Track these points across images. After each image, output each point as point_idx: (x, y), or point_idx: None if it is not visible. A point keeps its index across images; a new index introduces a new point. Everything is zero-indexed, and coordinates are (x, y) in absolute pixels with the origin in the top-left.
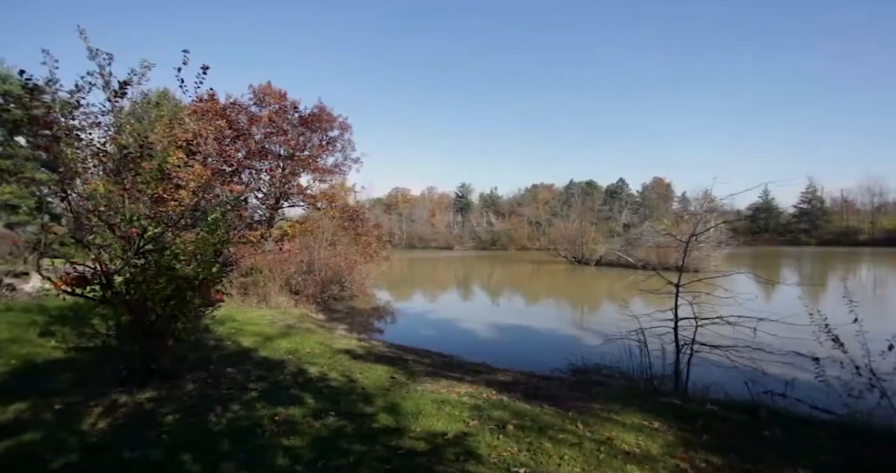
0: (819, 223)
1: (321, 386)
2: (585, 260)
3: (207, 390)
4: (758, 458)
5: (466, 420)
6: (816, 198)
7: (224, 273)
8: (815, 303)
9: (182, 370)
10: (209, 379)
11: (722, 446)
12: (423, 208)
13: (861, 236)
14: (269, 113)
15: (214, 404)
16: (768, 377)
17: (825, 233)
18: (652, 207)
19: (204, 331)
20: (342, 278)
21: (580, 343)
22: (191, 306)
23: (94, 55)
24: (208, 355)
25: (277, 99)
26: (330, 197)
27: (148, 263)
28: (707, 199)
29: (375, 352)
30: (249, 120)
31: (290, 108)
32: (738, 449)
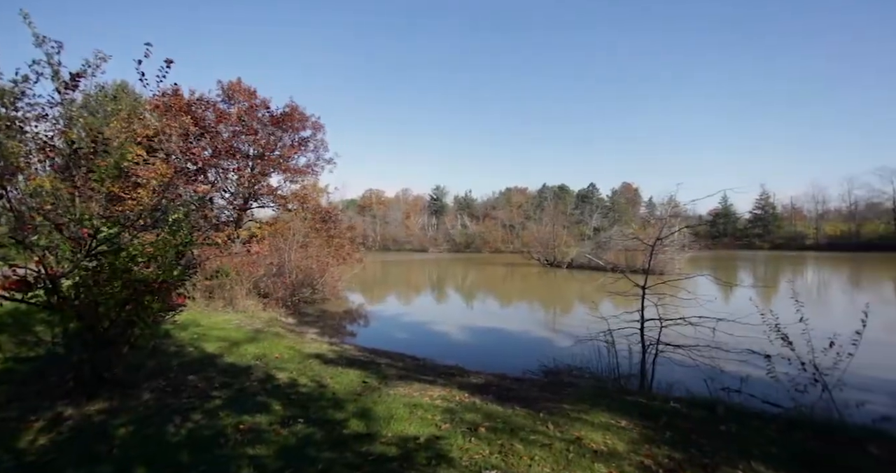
0: (771, 228)
1: (290, 392)
2: (557, 262)
3: (166, 399)
4: (715, 452)
5: (439, 423)
6: (769, 205)
7: (187, 276)
8: (768, 304)
9: (138, 378)
10: (168, 387)
11: (683, 442)
12: (397, 210)
13: (807, 241)
14: (239, 110)
15: (174, 414)
16: (726, 374)
17: (776, 238)
18: (621, 212)
19: (164, 337)
20: (314, 281)
21: (552, 344)
22: (149, 311)
23: (41, 42)
24: (168, 362)
25: (247, 96)
26: (301, 198)
27: (101, 266)
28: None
29: (347, 356)
30: (217, 117)
31: (261, 107)
32: (698, 445)
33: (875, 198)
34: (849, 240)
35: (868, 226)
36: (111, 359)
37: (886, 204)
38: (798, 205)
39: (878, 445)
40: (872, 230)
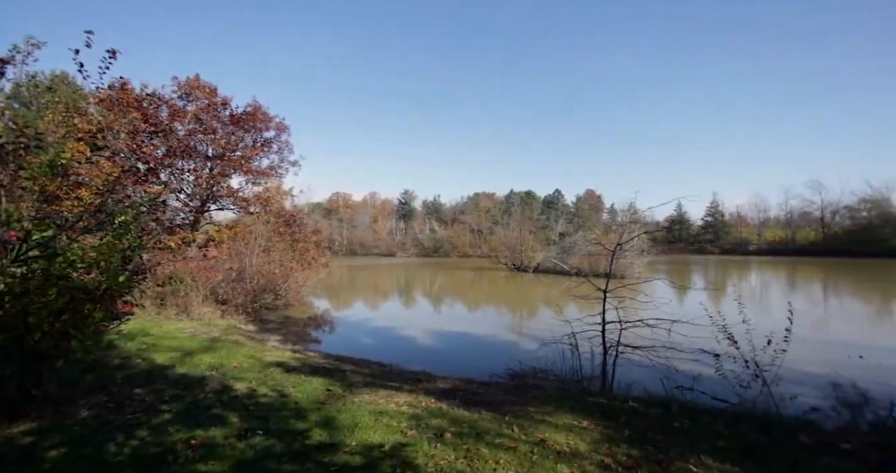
0: (720, 234)
1: (248, 403)
2: (524, 267)
3: (107, 416)
4: (669, 448)
5: (404, 430)
6: (718, 213)
7: (134, 282)
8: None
9: (74, 395)
10: (110, 403)
11: (640, 439)
12: (365, 214)
13: (751, 246)
14: (197, 108)
15: (115, 431)
16: (680, 373)
17: (725, 243)
18: (585, 217)
19: (107, 349)
20: (276, 286)
21: (518, 348)
22: (89, 320)
23: None
24: (111, 375)
25: (206, 94)
26: (264, 200)
27: (32, 272)
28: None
29: (311, 364)
30: (172, 114)
31: (221, 105)
32: (654, 442)
33: (806, 208)
34: (786, 246)
35: (801, 234)
36: (42, 374)
37: (816, 213)
38: (743, 213)
39: (808, 434)
40: (805, 237)
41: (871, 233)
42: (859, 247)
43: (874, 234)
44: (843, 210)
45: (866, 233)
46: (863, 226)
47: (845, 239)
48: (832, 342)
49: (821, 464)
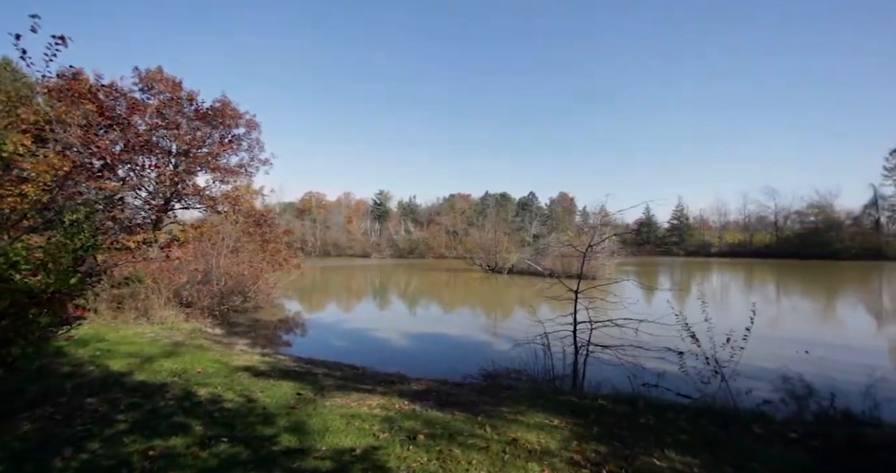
0: (685, 237)
1: (213, 409)
2: (499, 268)
3: (54, 429)
4: (635, 443)
5: (377, 433)
6: (683, 216)
7: (87, 285)
8: (682, 305)
9: (16, 406)
10: (57, 414)
11: (608, 436)
12: (339, 214)
13: (713, 248)
14: (159, 102)
15: (63, 445)
16: (646, 371)
17: (689, 246)
18: (558, 219)
19: (55, 356)
20: (245, 288)
21: (492, 348)
22: (33, 326)
23: None
24: (60, 385)
25: (170, 87)
26: (233, 199)
27: None
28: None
29: (281, 368)
30: (130, 107)
31: (186, 99)
32: (621, 438)
33: (762, 213)
34: (744, 248)
35: (758, 236)
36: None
37: (770, 217)
38: (706, 217)
39: (760, 425)
40: (761, 240)
41: (818, 236)
42: (808, 250)
43: (821, 238)
44: (794, 215)
45: (814, 237)
46: (811, 230)
47: (796, 241)
48: (783, 338)
49: (771, 453)
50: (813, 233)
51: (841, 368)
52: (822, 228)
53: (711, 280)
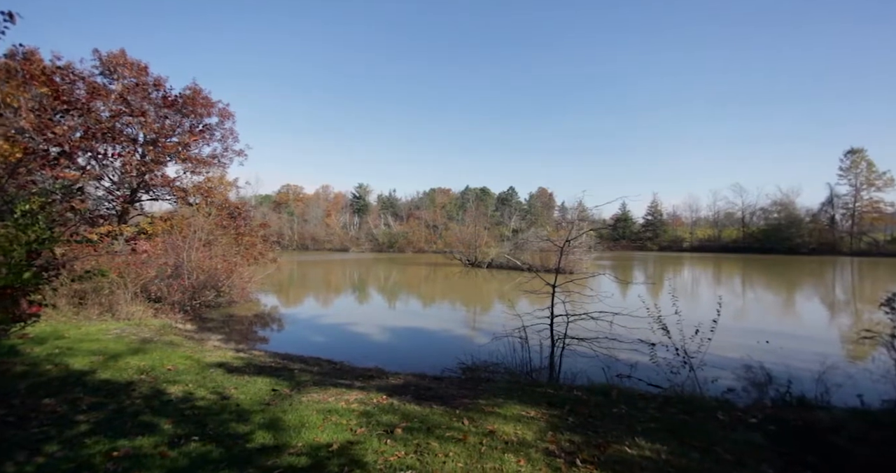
0: (659, 232)
1: (184, 407)
2: (478, 262)
3: (5, 432)
4: (608, 432)
5: (354, 428)
6: (657, 212)
7: (43, 279)
8: (655, 298)
9: None
10: (10, 416)
11: (583, 426)
12: (317, 208)
13: (685, 243)
14: (123, 88)
15: (15, 449)
16: (620, 362)
17: (663, 241)
18: (537, 214)
19: (7, 355)
20: (219, 282)
21: (471, 342)
22: None
23: None
24: (13, 385)
25: (135, 72)
26: (205, 191)
27: None
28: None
29: (256, 364)
30: (90, 92)
31: (152, 86)
32: (595, 427)
33: (730, 209)
34: (714, 243)
35: (726, 232)
36: None
37: (738, 214)
38: (678, 213)
39: (724, 412)
40: (729, 235)
41: (780, 232)
42: (771, 244)
43: (783, 233)
44: (759, 211)
45: (776, 232)
46: (774, 226)
47: (761, 237)
48: (747, 329)
49: (732, 438)
50: (776, 228)
51: (797, 357)
52: (783, 224)
53: (683, 274)
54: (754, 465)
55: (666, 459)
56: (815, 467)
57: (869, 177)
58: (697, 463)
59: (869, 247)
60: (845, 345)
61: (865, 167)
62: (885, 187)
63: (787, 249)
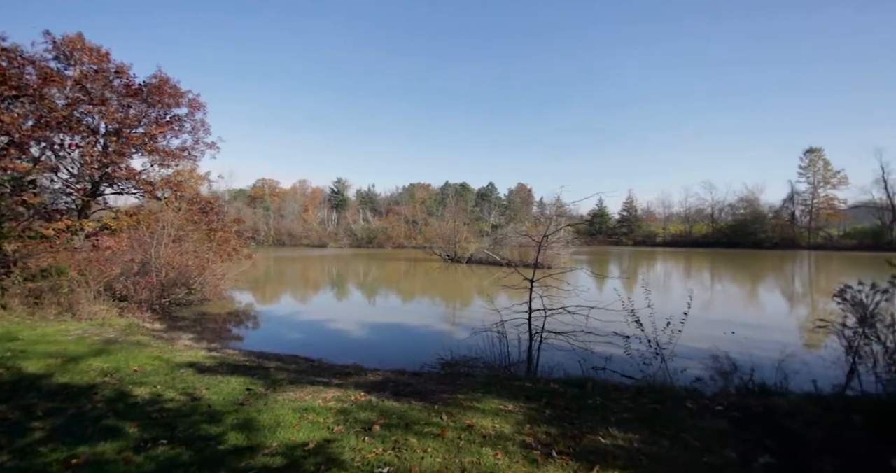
0: (633, 227)
1: (151, 409)
2: (458, 258)
3: None
4: (584, 423)
5: (331, 426)
6: (632, 208)
7: None
8: (629, 292)
9: None
10: None
11: (559, 418)
12: (294, 202)
13: (658, 238)
14: (80, 74)
15: None
16: (595, 355)
17: (637, 236)
18: (516, 210)
19: None
20: (190, 280)
21: (451, 337)
22: None
23: None
24: None
25: (95, 58)
26: (175, 184)
27: None
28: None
29: (230, 363)
30: (43, 77)
31: (114, 73)
32: (570, 419)
33: (701, 205)
34: (685, 238)
35: (697, 227)
36: None
37: (708, 210)
38: (652, 209)
39: (693, 400)
40: (699, 230)
41: (746, 227)
42: (738, 239)
43: (748, 229)
44: (727, 207)
45: (742, 228)
46: (740, 221)
47: (728, 232)
48: (715, 320)
49: (699, 425)
50: (742, 224)
51: (760, 346)
52: (749, 220)
53: (656, 268)
54: (719, 450)
55: (638, 447)
56: (773, 450)
57: (825, 176)
58: (667, 451)
59: (824, 242)
60: (802, 334)
61: (822, 166)
62: (839, 185)
63: (751, 244)
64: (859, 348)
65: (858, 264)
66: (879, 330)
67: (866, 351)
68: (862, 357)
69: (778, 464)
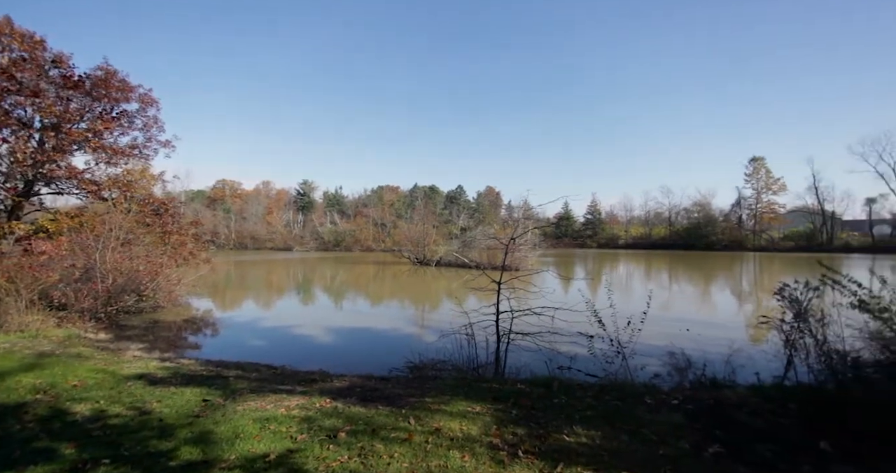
0: (598, 230)
1: (92, 427)
2: (427, 261)
3: None
4: (549, 422)
5: (294, 435)
6: (596, 211)
7: None
8: (593, 293)
9: None
10: None
11: (526, 418)
12: (257, 205)
13: (620, 240)
14: (8, 61)
15: None
16: (561, 355)
17: (601, 238)
18: (485, 213)
19: None
20: (141, 286)
21: (420, 341)
22: None
23: None
24: None
25: (27, 46)
26: (124, 184)
27: None
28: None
29: (185, 373)
30: None
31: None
32: (537, 418)
33: (659, 209)
34: (645, 240)
35: (656, 230)
36: None
37: (665, 213)
38: (615, 212)
39: (651, 396)
40: (658, 233)
41: (699, 230)
42: (692, 241)
43: (701, 231)
44: (683, 211)
45: (696, 230)
46: (694, 224)
47: (684, 234)
48: (672, 318)
49: (657, 420)
50: (696, 227)
51: (711, 342)
52: (702, 223)
53: (619, 269)
54: (674, 442)
55: (600, 444)
56: (722, 440)
57: (767, 182)
58: (626, 445)
59: (767, 244)
60: (748, 330)
61: (764, 173)
62: (779, 191)
63: (705, 246)
64: (795, 341)
65: (795, 264)
66: (812, 325)
67: (801, 344)
68: (797, 349)
69: (725, 453)
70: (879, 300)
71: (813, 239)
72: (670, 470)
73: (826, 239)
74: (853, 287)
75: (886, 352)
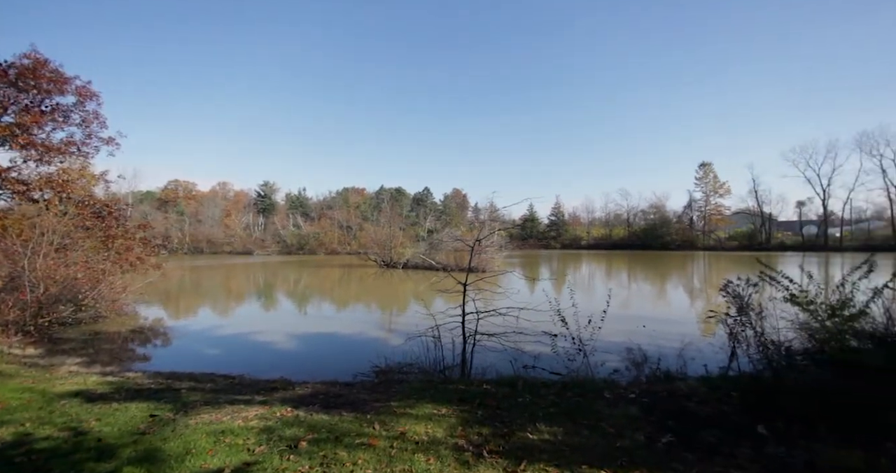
0: (561, 231)
1: (15, 453)
2: (394, 263)
3: None
4: (513, 421)
5: (252, 447)
6: (560, 213)
7: None
8: (557, 293)
9: None
10: None
11: (491, 418)
12: (214, 207)
13: (583, 241)
14: None
15: None
16: (525, 354)
17: (564, 239)
18: (452, 215)
19: None
20: (79, 294)
21: (386, 344)
22: None
23: None
24: None
25: None
26: (59, 184)
27: None
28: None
29: (130, 387)
30: None
31: None
32: (502, 418)
33: (618, 210)
34: (606, 241)
35: (616, 231)
36: None
37: (624, 215)
38: (577, 214)
39: (610, 391)
40: (618, 234)
41: (655, 230)
42: (649, 241)
43: (657, 232)
44: (640, 213)
45: (652, 231)
46: (651, 225)
47: (641, 235)
48: (630, 316)
49: (615, 413)
50: (652, 228)
51: (666, 337)
52: (658, 224)
53: (581, 269)
54: (630, 434)
55: (561, 439)
56: (673, 429)
57: (714, 186)
58: (587, 439)
59: (715, 243)
60: (699, 325)
61: (712, 178)
62: (725, 194)
63: (660, 245)
64: (738, 334)
65: (739, 262)
66: (752, 318)
67: (743, 336)
68: (740, 341)
69: (677, 441)
70: (807, 294)
71: (754, 239)
72: (626, 462)
73: (765, 239)
74: (786, 282)
75: (813, 341)
